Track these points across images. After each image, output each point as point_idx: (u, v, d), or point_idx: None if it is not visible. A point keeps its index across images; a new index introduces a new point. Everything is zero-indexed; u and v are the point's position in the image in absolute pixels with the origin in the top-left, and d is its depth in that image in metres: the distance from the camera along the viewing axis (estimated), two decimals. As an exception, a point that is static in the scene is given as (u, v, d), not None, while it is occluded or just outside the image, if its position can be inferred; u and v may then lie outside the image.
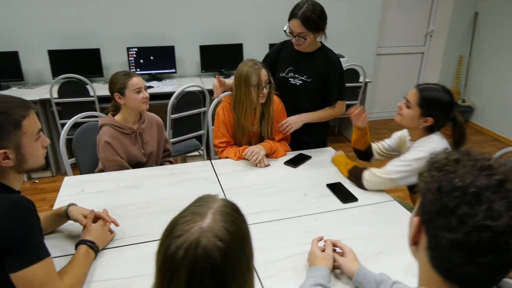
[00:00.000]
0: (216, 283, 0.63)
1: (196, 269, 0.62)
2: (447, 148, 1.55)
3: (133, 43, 3.74)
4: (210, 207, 0.69)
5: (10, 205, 0.97)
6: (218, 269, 0.63)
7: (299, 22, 1.87)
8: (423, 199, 0.67)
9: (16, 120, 1.01)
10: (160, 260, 0.66)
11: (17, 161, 1.04)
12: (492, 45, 4.47)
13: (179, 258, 0.63)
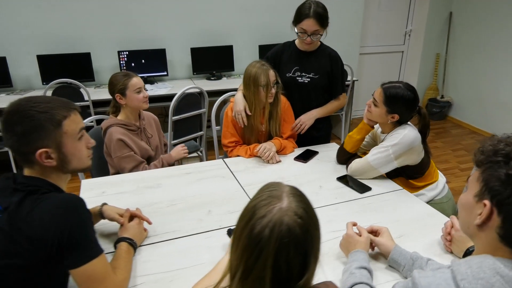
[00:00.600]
0: (299, 255, 0.70)
1: (282, 245, 0.69)
2: (418, 134, 1.67)
3: (124, 46, 3.73)
4: (283, 191, 0.76)
5: (66, 204, 0.99)
6: (301, 243, 0.70)
7: (314, 21, 1.96)
8: (491, 184, 0.76)
9: (57, 119, 1.03)
10: (244, 241, 0.72)
11: (60, 160, 1.06)
12: (466, 42, 4.73)
13: (266, 237, 0.69)
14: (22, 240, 0.95)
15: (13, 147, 1.01)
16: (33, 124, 0.99)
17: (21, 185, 1.01)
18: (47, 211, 0.97)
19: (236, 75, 4.22)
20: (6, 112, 1.01)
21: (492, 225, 0.78)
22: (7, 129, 1.00)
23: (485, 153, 0.80)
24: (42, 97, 1.06)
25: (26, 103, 1.01)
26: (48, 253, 0.96)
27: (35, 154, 1.01)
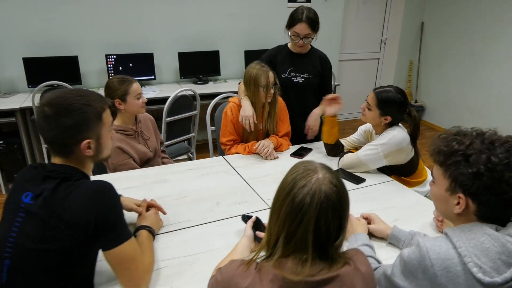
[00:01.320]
0: (336, 218, 0.81)
1: (322, 209, 0.79)
2: (407, 135, 1.83)
3: (111, 50, 3.75)
4: (316, 166, 0.87)
5: (100, 189, 1.06)
6: (337, 208, 0.81)
7: (306, 25, 2.11)
8: (459, 180, 0.90)
9: (99, 112, 1.10)
10: (286, 209, 0.81)
11: (96, 150, 1.12)
12: (437, 50, 5.05)
13: (307, 203, 0.79)
14: (58, 224, 1.00)
15: (56, 138, 1.05)
16: (81, 117, 1.05)
17: (53, 173, 1.06)
18: (82, 196, 1.02)
19: (222, 79, 4.31)
20: (49, 105, 1.04)
21: (469, 210, 0.92)
22: (52, 122, 1.03)
23: (443, 154, 0.94)
24: (80, 90, 1.12)
25: (70, 96, 1.06)
26: (84, 236, 1.02)
27: (80, 145, 1.07)
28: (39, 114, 1.05)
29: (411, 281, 0.90)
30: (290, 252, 0.82)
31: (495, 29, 4.24)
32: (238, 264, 0.86)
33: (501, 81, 4.25)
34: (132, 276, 1.08)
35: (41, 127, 1.05)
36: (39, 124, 1.06)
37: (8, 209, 1.08)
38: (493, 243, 0.85)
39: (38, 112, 1.06)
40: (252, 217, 1.39)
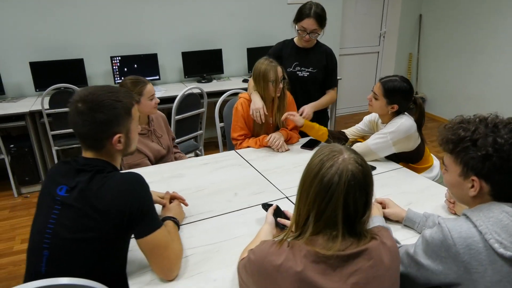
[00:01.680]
0: (362, 195, 0.86)
1: (350, 187, 0.85)
2: (414, 123, 1.88)
3: (116, 52, 3.79)
4: (340, 147, 0.92)
5: (133, 180, 1.11)
6: (363, 185, 0.86)
7: (313, 20, 2.16)
8: (470, 164, 0.96)
9: (129, 108, 1.15)
10: (316, 189, 0.87)
11: (125, 144, 1.18)
12: (435, 42, 5.11)
13: (336, 182, 0.85)
14: (94, 214, 1.06)
15: (89, 132, 1.10)
16: (114, 112, 1.11)
17: (86, 166, 1.12)
18: (116, 187, 1.08)
19: (226, 77, 4.36)
20: (82, 101, 1.10)
21: (484, 192, 0.98)
22: (86, 117, 1.08)
23: (451, 142, 1.00)
24: (110, 87, 1.17)
25: (102, 92, 1.11)
26: (119, 224, 1.07)
27: (112, 139, 1.12)
28: (73, 110, 1.10)
29: (434, 260, 0.96)
30: (321, 229, 0.87)
31: (492, 19, 4.30)
32: (270, 243, 0.92)
33: (499, 71, 4.31)
34: (165, 262, 1.13)
35: (74, 122, 1.10)
36: (72, 119, 1.10)
37: (44, 202, 1.13)
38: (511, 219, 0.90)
39: (71, 108, 1.11)
40: (272, 205, 1.44)
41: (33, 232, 1.13)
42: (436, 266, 0.95)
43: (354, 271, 0.85)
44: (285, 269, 0.84)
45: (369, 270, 0.85)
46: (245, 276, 0.98)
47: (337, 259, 0.84)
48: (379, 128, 2.08)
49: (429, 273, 0.97)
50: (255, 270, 0.90)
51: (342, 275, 0.84)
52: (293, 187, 1.75)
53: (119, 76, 3.77)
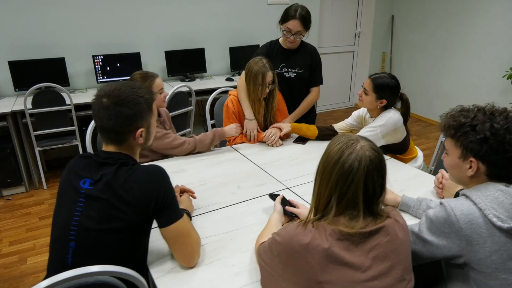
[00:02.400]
0: (380, 178, 0.96)
1: (369, 171, 0.94)
2: (401, 116, 2.03)
3: (98, 51, 3.75)
4: (355, 136, 1.01)
5: (157, 172, 1.16)
6: (379, 169, 0.96)
7: (298, 22, 2.24)
8: (469, 147, 1.08)
9: (149, 103, 1.20)
10: (337, 175, 0.95)
11: (145, 139, 1.22)
12: (407, 42, 5.37)
13: (356, 167, 0.94)
14: (120, 205, 1.10)
15: (113, 127, 1.14)
16: (139, 107, 1.15)
17: (110, 159, 1.15)
18: (142, 178, 1.12)
19: (208, 76, 4.40)
20: (108, 96, 1.13)
21: (480, 172, 1.11)
22: (111, 111, 1.12)
23: (453, 128, 1.13)
24: (131, 83, 1.20)
25: (126, 88, 1.15)
26: (145, 214, 1.12)
27: (135, 133, 1.16)
28: (98, 105, 1.14)
29: (438, 236, 1.07)
30: (342, 210, 0.96)
31: (459, 19, 4.58)
32: (295, 225, 0.99)
33: (467, 68, 4.60)
34: (188, 250, 1.19)
35: (99, 117, 1.13)
36: (97, 114, 1.14)
37: (66, 196, 1.15)
38: (506, 197, 1.03)
39: (96, 103, 1.14)
40: (279, 195, 1.52)
41: (56, 225, 1.15)
42: (440, 241, 1.06)
43: (374, 246, 0.94)
44: (313, 246, 0.92)
45: (387, 245, 0.95)
46: (268, 258, 1.05)
47: (359, 236, 0.93)
48: (367, 123, 2.21)
49: (434, 248, 1.08)
50: (282, 250, 0.98)
51: (363, 250, 0.94)
52: (292, 178, 1.84)
53: (102, 75, 3.73)
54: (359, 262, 0.92)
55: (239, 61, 4.39)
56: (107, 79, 3.76)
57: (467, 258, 1.03)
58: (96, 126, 1.19)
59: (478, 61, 4.46)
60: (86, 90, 3.73)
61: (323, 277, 0.91)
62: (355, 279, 0.91)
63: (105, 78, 3.75)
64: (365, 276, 0.92)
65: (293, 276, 0.96)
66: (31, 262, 2.42)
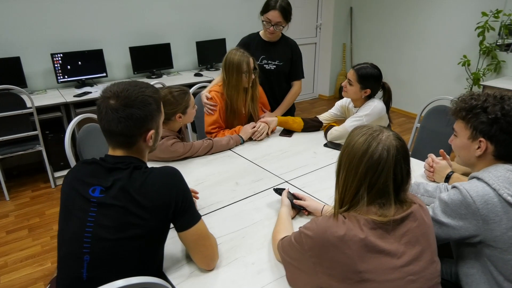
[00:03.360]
0: (406, 165, 0.98)
1: (397, 160, 0.96)
2: (384, 105, 2.11)
3: (57, 48, 3.50)
4: (377, 127, 1.02)
5: (173, 174, 1.10)
6: (406, 156, 0.98)
7: (278, 13, 2.24)
8: (479, 128, 1.15)
9: (158, 102, 1.13)
10: (366, 165, 0.96)
11: (154, 140, 1.16)
12: (366, 33, 5.56)
13: (385, 157, 0.95)
14: (138, 211, 1.03)
15: (124, 130, 1.06)
16: (149, 108, 1.08)
17: (120, 164, 1.08)
18: (160, 181, 1.07)
19: (175, 72, 4.27)
20: (116, 97, 1.05)
21: (488, 152, 1.18)
22: (121, 114, 1.04)
23: (464, 110, 1.20)
24: (137, 82, 1.12)
25: (134, 88, 1.07)
26: (165, 218, 1.06)
27: (145, 136, 1.09)
28: (104, 108, 1.05)
29: (453, 217, 1.12)
30: (373, 200, 0.97)
31: (415, 10, 4.81)
32: (325, 218, 0.99)
33: (424, 57, 4.86)
34: (208, 252, 1.15)
35: (107, 120, 1.05)
36: (105, 116, 1.05)
37: (74, 207, 1.07)
38: None
39: (102, 105, 1.06)
40: (284, 189, 1.52)
41: (64, 238, 1.06)
42: (456, 223, 1.12)
43: (405, 232, 0.97)
44: (350, 237, 0.93)
45: (417, 230, 0.98)
46: (296, 252, 1.04)
47: (391, 224, 0.95)
48: (351, 112, 2.26)
49: (450, 230, 1.13)
50: (315, 244, 0.97)
51: (396, 237, 0.96)
52: (288, 171, 1.84)
53: (62, 75, 3.49)
54: (394, 249, 0.94)
55: (206, 56, 4.30)
56: (69, 79, 3.53)
57: (483, 237, 1.09)
58: (102, 129, 1.10)
59: (433, 50, 4.73)
60: (46, 91, 3.48)
61: (362, 267, 0.92)
62: (392, 265, 0.93)
63: (66, 77, 3.51)
64: (401, 262, 0.94)
65: (328, 269, 0.96)
66: (5, 280, 2.23)
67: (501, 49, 4.04)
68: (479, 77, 4.08)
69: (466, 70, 4.26)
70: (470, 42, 4.26)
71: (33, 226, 2.76)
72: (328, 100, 5.92)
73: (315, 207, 1.44)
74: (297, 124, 2.31)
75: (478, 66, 4.17)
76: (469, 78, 4.25)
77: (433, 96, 4.62)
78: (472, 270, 1.19)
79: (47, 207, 3.01)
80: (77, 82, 3.63)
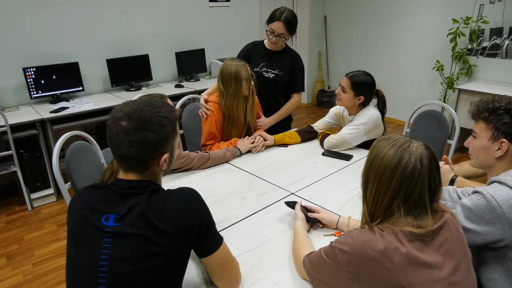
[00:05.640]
0: (438, 173, 0.97)
1: (431, 170, 0.94)
2: (379, 113, 2.13)
3: (30, 62, 3.30)
4: (405, 137, 1.01)
5: (193, 196, 1.02)
6: (437, 165, 0.97)
7: (282, 25, 2.22)
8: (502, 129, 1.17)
9: (174, 123, 1.04)
10: (399, 178, 0.94)
11: (169, 163, 1.07)
12: (340, 41, 5.68)
13: (419, 168, 0.93)
14: (160, 238, 0.95)
15: (136, 154, 0.97)
16: (164, 130, 0.99)
17: (136, 189, 0.99)
18: (181, 204, 0.99)
19: (155, 84, 4.16)
20: (128, 119, 0.96)
21: (509, 153, 1.20)
22: (133, 137, 0.95)
23: (487, 111, 1.23)
24: (151, 100, 1.03)
25: (148, 108, 0.98)
26: (188, 243, 0.99)
27: (159, 160, 1.01)
28: (115, 129, 0.96)
29: (478, 223, 1.12)
30: (408, 211, 0.95)
31: (386, 19, 4.96)
32: (361, 232, 0.96)
33: (397, 63, 5.01)
34: (233, 275, 1.09)
35: (118, 143, 0.96)
36: (115, 139, 0.96)
37: (85, 237, 0.97)
38: None
39: (113, 127, 0.97)
40: (296, 202, 1.48)
41: (75, 275, 0.96)
42: (481, 228, 1.12)
43: (442, 242, 0.95)
44: (391, 251, 0.90)
45: (452, 239, 0.96)
46: (328, 269, 1.00)
47: (428, 235, 0.93)
48: (346, 120, 2.27)
49: (475, 235, 1.13)
50: (353, 259, 0.93)
51: (434, 248, 0.94)
52: (292, 183, 1.80)
53: (35, 90, 3.29)
54: (434, 261, 0.92)
55: (186, 66, 4.22)
56: (42, 94, 3.34)
57: (510, 241, 1.10)
58: (112, 153, 1.01)
59: (407, 56, 4.88)
60: (18, 108, 3.27)
61: (405, 281, 0.89)
62: (435, 277, 0.91)
63: (39, 93, 3.32)
64: (443, 274, 0.92)
65: (367, 284, 0.92)
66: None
67: (471, 54, 4.23)
68: (453, 81, 4.24)
69: (440, 74, 4.43)
70: (442, 48, 4.43)
71: (11, 254, 2.56)
72: (306, 108, 5.97)
73: (331, 219, 1.40)
74: (295, 139, 2.30)
75: (452, 71, 4.34)
76: (443, 83, 4.41)
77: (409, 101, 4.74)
78: (494, 274, 1.19)
79: (25, 231, 2.81)
80: (51, 97, 3.44)
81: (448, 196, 1.46)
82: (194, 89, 3.89)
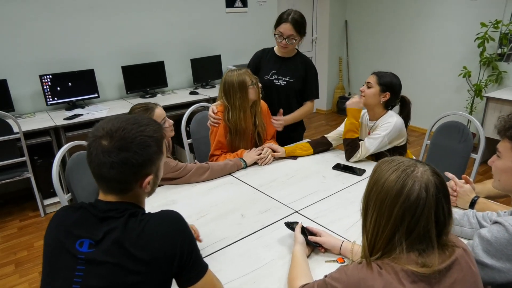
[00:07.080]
0: (447, 203, 0.85)
1: (438, 199, 0.82)
2: (402, 120, 2.00)
3: (46, 69, 3.35)
4: (409, 161, 0.89)
5: (175, 220, 0.95)
6: (446, 194, 0.85)
7: (290, 26, 2.14)
8: None
9: (160, 142, 0.97)
10: (402, 208, 0.82)
11: (153, 184, 1.00)
12: (361, 46, 5.50)
13: (424, 197, 0.82)
14: (137, 266, 0.87)
15: (116, 176, 0.90)
16: (148, 151, 0.92)
17: (113, 212, 0.92)
18: (161, 229, 0.91)
19: (170, 90, 4.14)
20: (110, 138, 0.89)
21: None
22: (114, 158, 0.88)
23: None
24: (136, 118, 0.96)
25: (132, 127, 0.91)
26: (168, 272, 0.91)
27: (142, 182, 0.94)
28: (95, 149, 0.89)
29: (498, 258, 0.98)
30: (411, 246, 0.83)
31: (410, 22, 4.76)
32: (357, 267, 0.85)
33: (422, 68, 4.79)
34: (219, 304, 1.00)
35: (97, 163, 0.89)
36: (95, 159, 0.89)
37: (59, 263, 0.90)
38: None
39: (93, 145, 0.90)
40: (296, 222, 1.37)
41: None
42: (503, 265, 0.98)
43: (451, 284, 0.82)
44: (389, 294, 0.78)
45: (464, 280, 0.84)
46: None
47: (435, 276, 0.81)
48: (365, 127, 2.12)
49: (495, 272, 0.99)
50: None
51: (441, 290, 0.81)
52: (297, 200, 1.69)
53: (52, 97, 3.33)
54: (441, 307, 0.80)
55: (202, 73, 4.19)
56: (58, 101, 3.37)
57: None
58: (92, 173, 0.94)
59: (432, 62, 4.66)
60: (34, 115, 3.32)
61: (404, 330, 0.77)
62: (441, 327, 0.78)
63: (55, 100, 3.36)
64: (451, 322, 0.79)
65: None
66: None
67: (501, 59, 3.98)
68: (481, 88, 4.00)
69: (467, 81, 4.19)
70: (469, 53, 4.19)
71: (20, 261, 2.57)
72: (325, 115, 5.81)
73: (333, 244, 1.29)
74: (307, 152, 2.19)
75: (479, 77, 4.09)
76: (470, 90, 4.17)
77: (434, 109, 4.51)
78: (517, 317, 1.04)
79: (36, 238, 2.82)
80: (67, 104, 3.48)
81: (467, 222, 1.32)
82: (209, 96, 3.84)
